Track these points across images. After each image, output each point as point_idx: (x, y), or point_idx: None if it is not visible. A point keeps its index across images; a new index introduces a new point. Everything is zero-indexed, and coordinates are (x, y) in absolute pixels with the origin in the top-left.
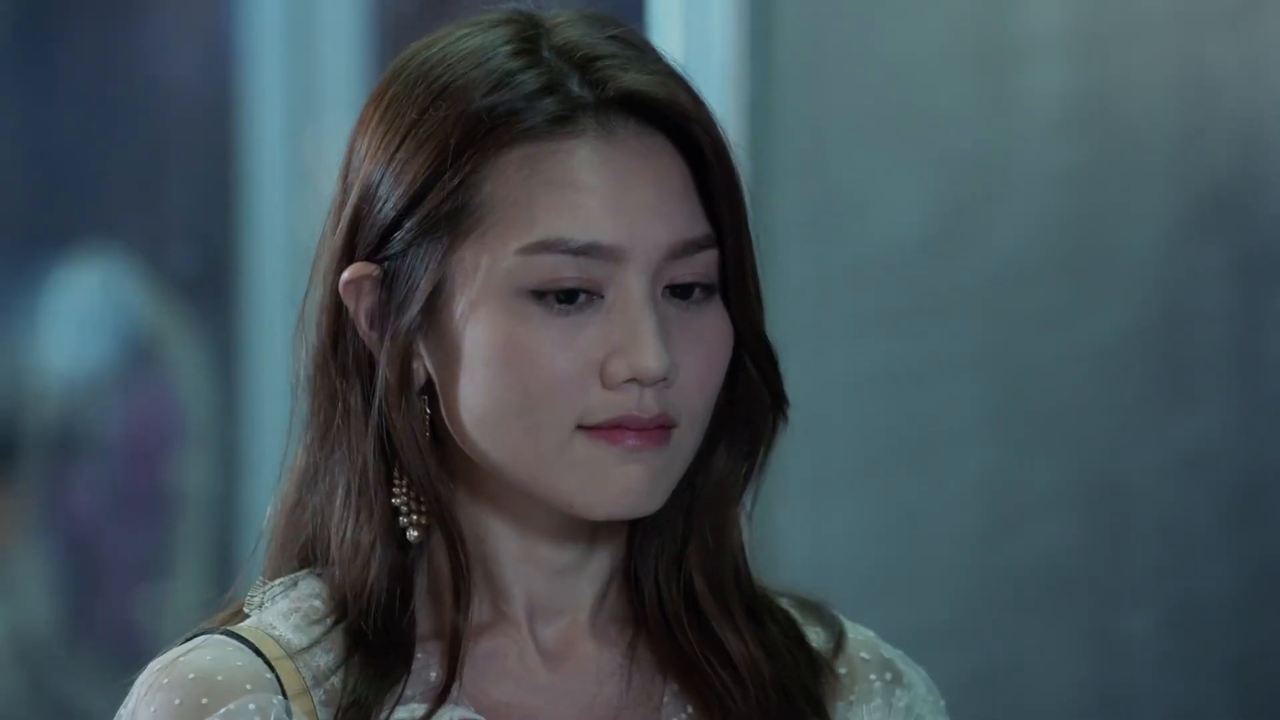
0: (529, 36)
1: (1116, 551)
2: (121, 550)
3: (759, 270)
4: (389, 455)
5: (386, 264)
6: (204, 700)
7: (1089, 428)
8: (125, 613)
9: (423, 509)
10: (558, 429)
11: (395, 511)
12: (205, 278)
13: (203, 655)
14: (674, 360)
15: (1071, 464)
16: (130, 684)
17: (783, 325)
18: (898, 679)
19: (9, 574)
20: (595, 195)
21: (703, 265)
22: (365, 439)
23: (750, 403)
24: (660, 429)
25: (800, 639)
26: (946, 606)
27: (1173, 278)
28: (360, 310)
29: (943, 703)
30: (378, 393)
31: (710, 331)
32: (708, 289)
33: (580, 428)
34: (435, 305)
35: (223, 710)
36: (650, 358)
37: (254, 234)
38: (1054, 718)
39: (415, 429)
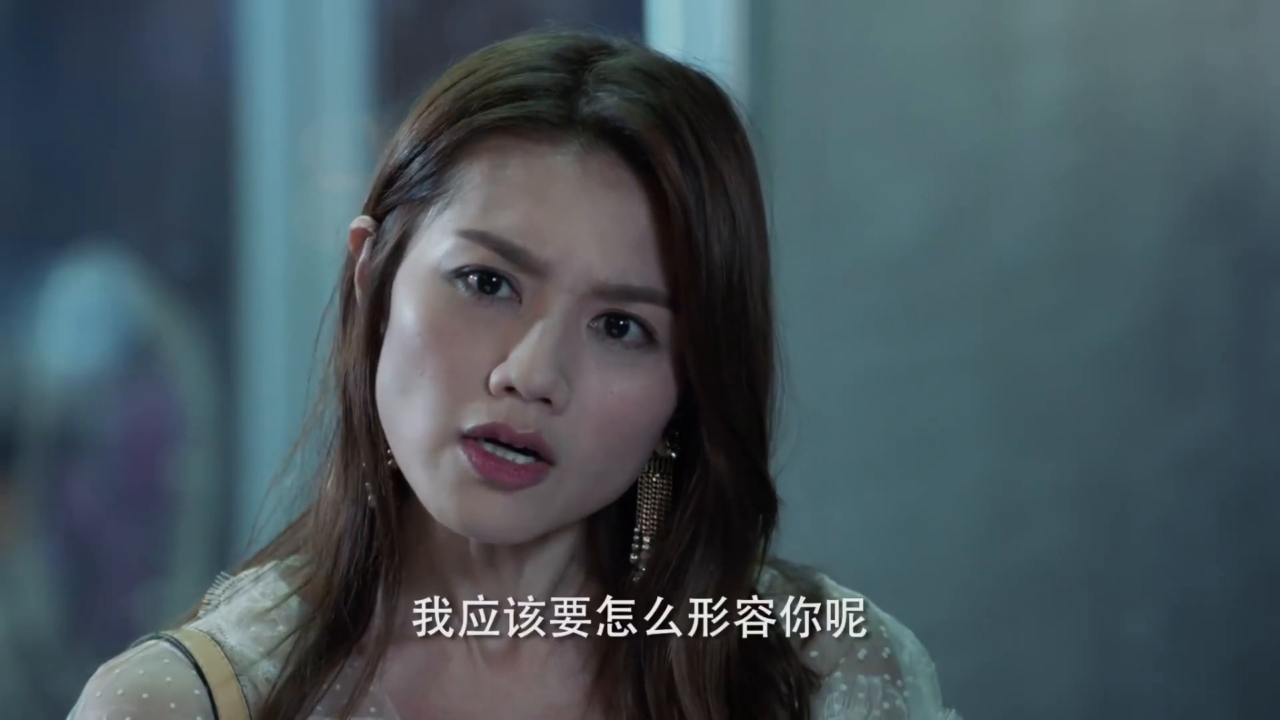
0: (581, 49)
1: (1116, 551)
2: (121, 549)
3: (771, 375)
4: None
5: (383, 219)
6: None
7: (1089, 428)
8: (125, 612)
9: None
10: (438, 421)
11: (362, 478)
12: (205, 278)
13: (135, 670)
14: (566, 384)
15: (1071, 464)
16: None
17: (783, 326)
18: (895, 655)
19: (9, 574)
20: (545, 206)
21: (644, 313)
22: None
23: (719, 499)
24: (527, 469)
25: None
26: (946, 606)
27: (1173, 278)
28: (359, 263)
29: (932, 667)
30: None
31: (630, 381)
32: (649, 340)
33: (461, 436)
34: (395, 268)
35: None
36: (529, 367)
37: (254, 234)
38: (1054, 718)
39: (354, 375)
